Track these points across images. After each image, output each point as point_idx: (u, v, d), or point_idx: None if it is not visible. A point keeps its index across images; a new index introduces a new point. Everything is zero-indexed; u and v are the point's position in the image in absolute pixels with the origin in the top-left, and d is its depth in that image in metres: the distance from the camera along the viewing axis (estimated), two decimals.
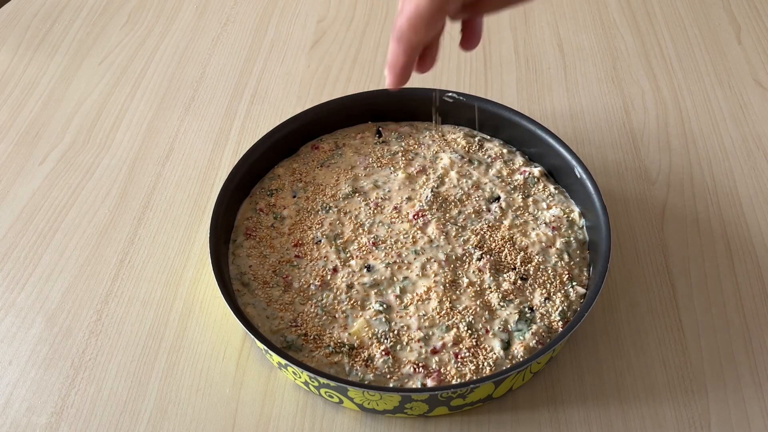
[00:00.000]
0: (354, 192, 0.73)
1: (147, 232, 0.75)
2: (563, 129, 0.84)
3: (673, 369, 0.64)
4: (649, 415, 0.61)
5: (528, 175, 0.74)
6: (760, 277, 0.70)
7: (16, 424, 0.61)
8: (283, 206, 0.72)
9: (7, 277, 0.71)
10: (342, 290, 0.65)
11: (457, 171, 0.74)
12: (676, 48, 0.95)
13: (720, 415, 0.61)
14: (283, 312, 0.64)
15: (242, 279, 0.67)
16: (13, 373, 0.64)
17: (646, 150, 0.82)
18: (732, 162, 0.80)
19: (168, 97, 0.90)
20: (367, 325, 0.63)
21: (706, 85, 0.90)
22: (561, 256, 0.67)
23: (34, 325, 0.68)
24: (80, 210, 0.77)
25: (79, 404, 0.62)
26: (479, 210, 0.71)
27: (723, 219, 0.75)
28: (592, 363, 0.64)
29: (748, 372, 0.63)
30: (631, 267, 0.71)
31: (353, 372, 0.60)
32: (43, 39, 0.99)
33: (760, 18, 0.99)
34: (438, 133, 0.78)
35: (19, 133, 0.86)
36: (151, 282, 0.71)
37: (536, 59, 0.94)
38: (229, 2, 1.05)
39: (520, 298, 0.64)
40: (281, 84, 0.91)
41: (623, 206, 0.76)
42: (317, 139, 0.78)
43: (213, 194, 0.77)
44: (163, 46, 0.97)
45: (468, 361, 0.60)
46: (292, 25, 1.01)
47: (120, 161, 0.82)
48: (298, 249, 0.69)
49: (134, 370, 0.64)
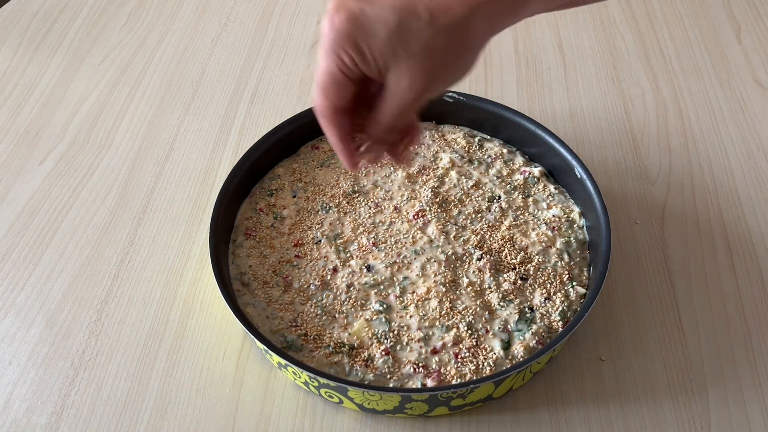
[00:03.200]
0: (354, 192, 0.73)
1: (147, 232, 0.75)
2: (563, 129, 0.84)
3: (673, 369, 0.64)
4: (649, 415, 0.61)
5: (528, 175, 0.74)
6: (760, 277, 0.70)
7: (16, 424, 0.61)
8: (283, 206, 0.72)
9: (7, 277, 0.71)
10: (342, 290, 0.65)
11: (457, 171, 0.74)
12: (676, 48, 0.95)
13: (720, 415, 0.61)
14: (283, 312, 0.64)
15: (242, 279, 0.66)
16: (13, 373, 0.64)
17: (646, 150, 0.82)
18: (732, 162, 0.80)
19: (168, 97, 0.90)
20: (367, 325, 0.63)
21: (706, 85, 0.90)
22: (561, 256, 0.67)
23: (34, 325, 0.68)
24: (80, 210, 0.77)
25: (79, 404, 0.62)
26: (479, 210, 0.71)
27: (723, 219, 0.75)
28: (592, 363, 0.64)
29: (748, 372, 0.63)
30: (631, 267, 0.71)
31: (353, 372, 0.60)
32: (43, 39, 0.99)
33: (760, 18, 0.99)
34: (438, 133, 0.78)
35: (19, 133, 0.86)
36: (151, 282, 0.71)
37: (536, 59, 0.94)
38: (229, 2, 1.05)
39: (520, 298, 0.64)
40: (281, 84, 0.91)
41: (623, 206, 0.76)
42: (317, 139, 0.78)
43: (213, 194, 0.77)
44: (163, 46, 0.97)
45: (468, 361, 0.60)
46: (292, 25, 1.01)
47: (120, 161, 0.82)
48: (298, 249, 0.68)
49: (134, 370, 0.64)
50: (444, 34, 0.43)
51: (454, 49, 0.44)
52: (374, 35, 0.43)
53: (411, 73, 0.44)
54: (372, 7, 0.43)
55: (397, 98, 0.45)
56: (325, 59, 0.45)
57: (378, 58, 0.44)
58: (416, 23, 0.42)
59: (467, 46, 0.44)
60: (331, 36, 0.44)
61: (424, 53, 0.43)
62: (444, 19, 0.42)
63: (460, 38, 0.43)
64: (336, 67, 0.45)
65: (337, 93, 0.46)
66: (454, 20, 0.43)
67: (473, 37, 0.44)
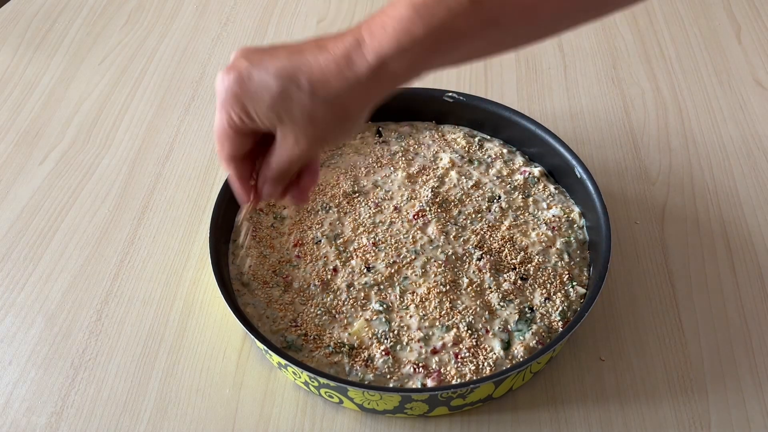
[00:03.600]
0: (354, 192, 0.73)
1: (147, 232, 0.75)
2: (563, 129, 0.84)
3: (673, 369, 0.64)
4: (649, 415, 0.61)
5: (528, 175, 0.74)
6: (760, 277, 0.70)
7: (16, 424, 0.61)
8: (283, 206, 0.72)
9: (7, 277, 0.71)
10: (342, 290, 0.65)
11: (457, 171, 0.74)
12: (676, 48, 0.95)
13: (720, 415, 0.61)
14: (283, 312, 0.64)
15: (242, 279, 0.67)
16: (13, 373, 0.64)
17: (646, 150, 0.82)
18: (732, 162, 0.80)
19: (168, 97, 0.90)
20: (367, 325, 0.63)
21: (706, 85, 0.90)
22: (561, 256, 0.67)
23: (34, 325, 0.68)
24: (80, 210, 0.77)
25: (79, 404, 0.62)
26: (479, 210, 0.71)
27: (723, 219, 0.75)
28: (592, 363, 0.64)
29: (748, 372, 0.63)
30: (631, 267, 0.71)
31: (353, 372, 0.60)
32: (43, 39, 0.99)
33: (760, 18, 0.99)
34: (438, 133, 0.78)
35: (19, 133, 0.86)
36: (151, 282, 0.71)
37: (536, 59, 0.94)
38: (229, 2, 1.05)
39: (520, 298, 0.64)
40: None
41: (623, 206, 0.76)
42: None
43: (213, 194, 0.77)
44: (163, 46, 0.97)
45: (468, 361, 0.60)
46: (292, 25, 1.01)
47: (120, 161, 0.82)
48: (298, 249, 0.68)
49: (134, 370, 0.64)
50: (324, 105, 0.46)
51: (333, 118, 0.47)
52: (260, 99, 0.46)
53: (295, 136, 0.48)
54: (259, 72, 0.46)
55: (285, 153, 0.49)
56: (218, 114, 0.48)
57: (264, 120, 0.47)
58: (297, 93, 0.45)
59: (346, 116, 0.47)
60: (222, 95, 0.47)
61: (305, 120, 0.46)
62: (323, 92, 0.45)
63: (337, 109, 0.46)
64: (227, 123, 0.48)
65: (231, 144, 0.50)
66: (331, 93, 0.45)
67: (351, 108, 0.47)
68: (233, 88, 0.46)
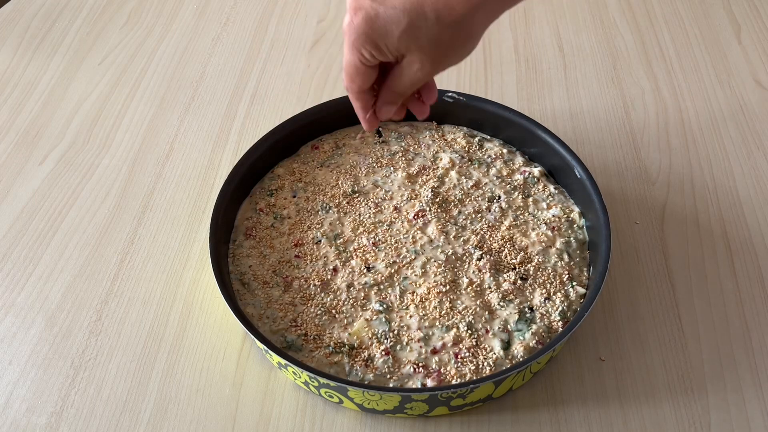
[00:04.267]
0: (354, 192, 0.73)
1: (147, 232, 0.75)
2: (563, 129, 0.84)
3: (673, 369, 0.64)
4: (649, 415, 0.61)
5: (528, 175, 0.74)
6: (760, 277, 0.70)
7: (16, 424, 0.61)
8: (283, 206, 0.72)
9: (7, 277, 0.71)
10: (342, 290, 0.65)
11: (457, 171, 0.74)
12: (676, 48, 0.95)
13: (720, 415, 0.61)
14: (283, 312, 0.64)
15: (242, 279, 0.66)
16: (13, 373, 0.64)
17: (646, 150, 0.82)
18: (732, 162, 0.80)
19: (168, 97, 0.90)
20: (367, 325, 0.63)
21: (706, 85, 0.90)
22: (561, 256, 0.67)
23: (34, 325, 0.68)
24: (80, 210, 0.77)
25: (79, 404, 0.62)
26: (479, 210, 0.71)
27: (723, 219, 0.75)
28: (592, 363, 0.64)
29: (748, 372, 0.63)
30: (631, 267, 0.71)
31: (353, 372, 0.60)
32: (43, 39, 0.99)
33: (760, 18, 0.99)
34: (438, 133, 0.78)
35: (19, 133, 0.86)
36: (151, 282, 0.71)
37: (536, 59, 0.94)
38: (229, 2, 1.05)
39: (520, 298, 0.64)
40: (281, 84, 0.91)
41: (623, 206, 0.76)
42: (317, 139, 0.78)
43: (213, 194, 0.77)
44: (163, 46, 0.97)
45: (468, 361, 0.60)
46: (292, 25, 1.01)
47: (120, 161, 0.82)
48: (298, 249, 0.68)
49: (134, 370, 0.64)
50: (449, 30, 0.50)
51: (457, 40, 0.51)
52: (389, 34, 0.50)
53: (421, 60, 0.52)
54: (385, 8, 0.49)
55: (409, 77, 0.53)
56: (349, 53, 0.53)
57: (393, 51, 0.52)
58: (424, 22, 0.49)
59: (469, 36, 0.51)
60: (352, 35, 0.51)
61: (431, 46, 0.51)
62: (448, 18, 0.49)
63: (462, 31, 0.50)
64: (358, 60, 0.53)
65: (362, 79, 0.54)
66: (457, 18, 0.49)
67: (474, 28, 0.51)
68: (362, 27, 0.50)
